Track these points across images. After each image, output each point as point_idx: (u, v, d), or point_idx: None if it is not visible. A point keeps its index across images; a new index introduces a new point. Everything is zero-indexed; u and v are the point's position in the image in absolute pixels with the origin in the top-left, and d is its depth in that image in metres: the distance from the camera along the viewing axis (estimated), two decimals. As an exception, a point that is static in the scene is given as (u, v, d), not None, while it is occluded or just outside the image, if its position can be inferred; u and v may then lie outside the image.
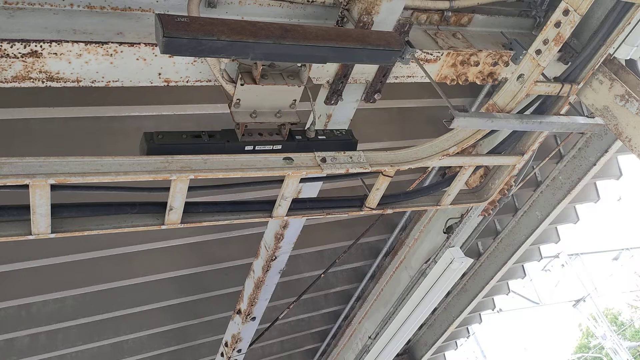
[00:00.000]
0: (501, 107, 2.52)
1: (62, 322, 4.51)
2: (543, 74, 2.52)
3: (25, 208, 1.91)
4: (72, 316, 4.52)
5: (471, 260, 4.53)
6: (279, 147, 2.41)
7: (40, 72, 1.94)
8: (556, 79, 2.67)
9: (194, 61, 2.24)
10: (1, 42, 1.82)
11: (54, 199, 1.91)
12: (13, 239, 1.95)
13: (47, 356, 4.73)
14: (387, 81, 2.79)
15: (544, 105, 2.69)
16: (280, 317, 4.87)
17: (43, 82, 1.97)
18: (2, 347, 4.44)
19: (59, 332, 4.64)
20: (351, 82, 2.72)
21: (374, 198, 2.69)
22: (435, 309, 6.74)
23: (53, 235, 1.98)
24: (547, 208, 5.49)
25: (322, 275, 4.56)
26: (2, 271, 3.79)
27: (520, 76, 2.46)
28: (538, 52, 2.40)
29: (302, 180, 2.35)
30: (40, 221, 1.92)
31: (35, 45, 1.87)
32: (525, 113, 2.68)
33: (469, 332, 8.55)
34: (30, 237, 1.95)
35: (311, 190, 3.38)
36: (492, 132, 2.66)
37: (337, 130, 2.61)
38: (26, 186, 1.80)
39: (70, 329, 4.65)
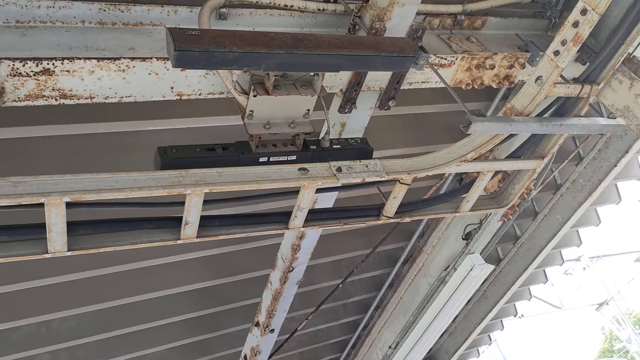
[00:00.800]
0: (519, 111, 2.47)
1: (82, 338, 4.51)
2: (562, 76, 2.47)
3: (41, 226, 1.90)
4: (92, 332, 4.53)
5: (492, 267, 4.46)
6: (294, 157, 2.38)
7: (53, 89, 1.94)
8: (575, 80, 2.61)
9: (206, 74, 2.23)
10: (13, 61, 1.82)
11: (69, 217, 1.90)
12: (30, 258, 1.94)
13: (67, 372, 4.74)
14: (401, 87, 2.75)
15: (563, 107, 2.63)
16: (299, 328, 4.83)
17: (56, 99, 1.97)
18: (23, 365, 4.46)
19: (78, 348, 4.64)
20: (365, 89, 2.69)
21: (391, 206, 2.65)
22: (456, 317, 6.63)
23: (69, 253, 1.97)
24: (567, 211, 5.39)
25: (340, 285, 4.51)
26: (21, 289, 3.81)
27: (538, 78, 2.40)
28: (556, 53, 2.35)
29: (318, 190, 2.32)
30: (57, 239, 1.91)
31: (48, 63, 1.87)
32: (544, 116, 2.62)
33: (490, 339, 8.40)
34: (47, 256, 1.94)
35: (327, 201, 3.34)
36: (510, 136, 2.60)
37: (352, 138, 2.58)
38: (41, 205, 1.79)
39: (90, 344, 4.65)
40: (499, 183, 4.06)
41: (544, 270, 7.18)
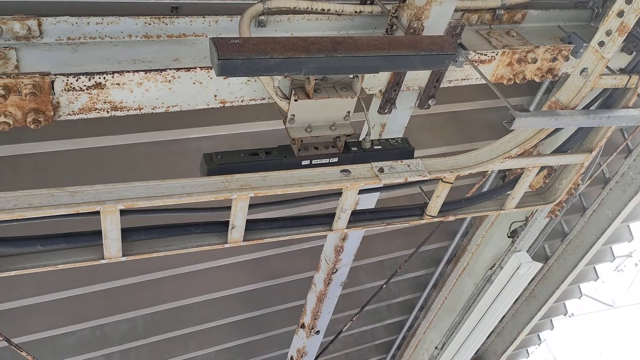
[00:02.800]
0: (565, 104, 2.42)
1: (134, 341, 4.66)
2: (607, 67, 2.40)
3: (96, 234, 1.99)
4: (143, 335, 4.67)
5: (539, 265, 4.35)
6: (335, 159, 2.40)
7: (105, 102, 2.02)
8: (622, 71, 2.54)
9: (248, 81, 2.27)
10: (67, 77, 1.91)
11: (122, 224, 1.97)
12: (87, 264, 2.03)
13: (121, 375, 4.89)
14: (441, 86, 2.74)
15: (610, 99, 2.56)
16: (343, 330, 4.84)
17: (108, 112, 2.06)
18: (80, 368, 4.63)
19: (131, 351, 4.79)
20: (404, 89, 2.68)
21: (434, 206, 2.63)
22: (503, 317, 6.51)
23: (124, 259, 2.05)
24: (617, 206, 5.22)
25: (384, 285, 4.49)
26: (77, 294, 3.96)
27: (583, 70, 2.35)
28: (601, 43, 2.29)
29: (361, 191, 2.33)
30: (112, 246, 1.99)
31: (99, 77, 1.95)
32: (590, 108, 2.56)
33: (540, 339, 8.19)
34: (104, 262, 2.02)
35: (369, 201, 3.35)
36: (556, 130, 2.55)
37: (392, 139, 2.58)
38: (97, 213, 1.87)
39: (142, 347, 4.79)
40: (544, 179, 3.97)
41: (594, 268, 6.96)
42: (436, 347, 6.27)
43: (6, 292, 3.71)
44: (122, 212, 1.90)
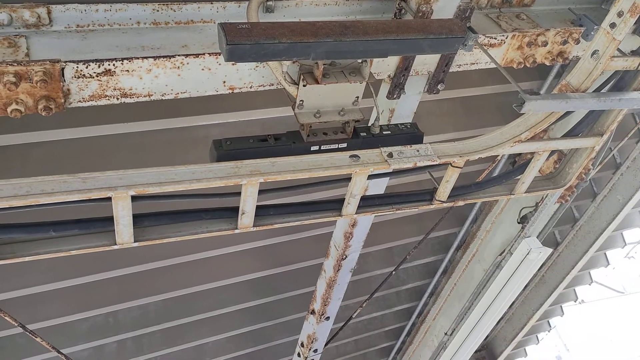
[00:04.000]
0: (575, 87, 2.40)
1: (147, 328, 4.72)
2: (619, 49, 2.37)
3: (108, 220, 2.01)
4: (155, 321, 4.72)
5: (550, 250, 4.34)
6: (344, 145, 2.40)
7: (115, 89, 2.03)
8: (634, 53, 2.51)
9: (256, 66, 2.27)
10: (77, 64, 1.92)
11: (133, 210, 1.99)
12: (100, 250, 2.05)
13: (134, 361, 4.97)
14: (450, 70, 2.72)
15: (622, 82, 2.53)
16: (353, 316, 4.87)
17: (118, 99, 2.07)
18: (92, 354, 4.70)
19: (144, 337, 4.86)
20: (413, 74, 2.67)
21: (443, 191, 2.63)
22: (512, 303, 6.51)
23: (136, 244, 2.07)
24: (629, 191, 5.18)
25: (394, 272, 4.51)
26: (89, 281, 4.02)
27: (594, 52, 2.32)
28: (612, 25, 2.26)
29: (370, 177, 2.33)
30: (124, 231, 2.01)
31: (109, 64, 1.96)
32: (601, 91, 2.53)
33: (550, 326, 8.18)
34: (115, 247, 2.04)
35: (378, 187, 3.35)
36: (566, 114, 2.53)
37: (401, 124, 2.57)
38: (108, 199, 1.89)
39: (154, 333, 4.85)
40: (554, 164, 3.95)
41: (605, 254, 6.93)
42: (446, 333, 6.29)
43: (21, 280, 3.77)
44: (133, 198, 1.92)
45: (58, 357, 3.34)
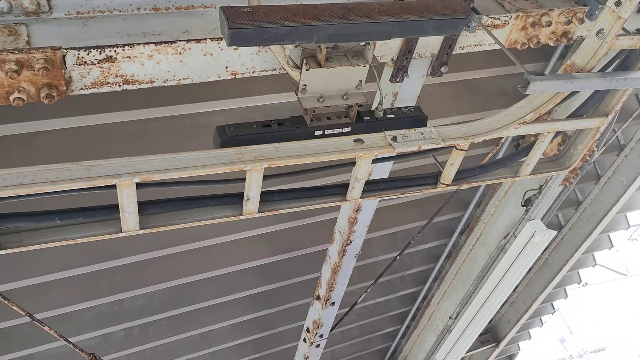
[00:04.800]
0: (580, 67, 2.37)
1: (153, 316, 4.75)
2: (624, 28, 2.35)
3: (113, 207, 2.01)
4: (161, 309, 4.75)
5: (554, 233, 4.34)
6: (348, 129, 2.39)
7: (117, 76, 2.02)
8: (639, 31, 2.48)
9: (258, 51, 2.25)
10: (78, 51, 1.91)
11: (138, 198, 1.99)
12: (106, 238, 2.05)
13: (141, 348, 5.00)
14: (454, 52, 2.69)
15: (627, 61, 2.51)
16: (358, 301, 4.89)
17: (120, 85, 2.05)
18: (100, 342, 4.74)
19: (150, 325, 4.89)
20: (416, 57, 2.64)
21: (448, 174, 2.62)
22: (516, 286, 6.53)
23: (142, 232, 2.07)
24: (633, 172, 5.17)
25: (398, 257, 4.51)
26: (95, 270, 4.03)
27: (599, 32, 2.30)
28: (617, 3, 2.23)
29: (374, 160, 2.32)
30: (129, 219, 2.01)
31: (110, 50, 1.94)
32: (607, 71, 2.51)
33: (553, 308, 8.21)
34: (121, 235, 2.04)
35: (382, 171, 3.34)
36: (571, 94, 2.51)
37: (405, 107, 2.56)
38: (113, 186, 1.89)
39: (160, 321, 4.88)
40: (558, 146, 3.93)
41: (609, 236, 6.93)
42: (450, 317, 6.32)
43: (27, 269, 3.78)
44: (138, 186, 1.92)
45: (66, 345, 3.36)
